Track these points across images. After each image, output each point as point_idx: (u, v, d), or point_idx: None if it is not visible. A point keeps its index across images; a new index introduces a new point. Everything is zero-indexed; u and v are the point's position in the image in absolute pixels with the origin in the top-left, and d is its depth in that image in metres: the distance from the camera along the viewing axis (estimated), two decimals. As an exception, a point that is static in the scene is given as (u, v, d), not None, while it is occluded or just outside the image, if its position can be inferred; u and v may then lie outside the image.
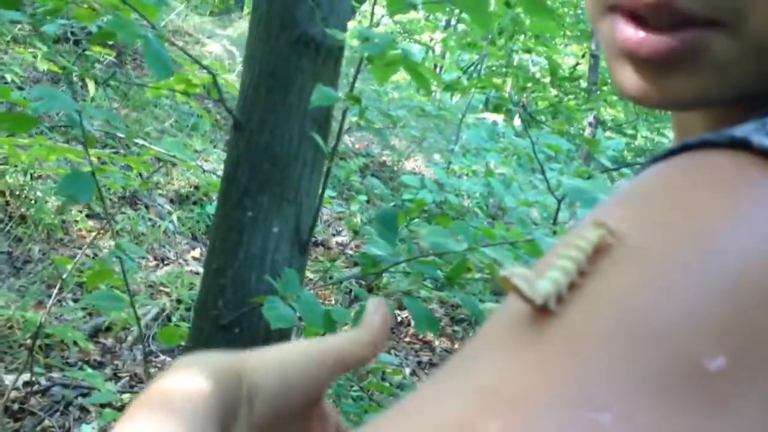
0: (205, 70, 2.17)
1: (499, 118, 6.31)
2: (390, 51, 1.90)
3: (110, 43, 4.37)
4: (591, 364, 0.26)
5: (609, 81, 8.80)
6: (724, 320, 0.26)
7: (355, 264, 4.48)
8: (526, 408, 0.25)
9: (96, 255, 3.58)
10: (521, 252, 1.88)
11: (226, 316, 1.93)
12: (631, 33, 0.39)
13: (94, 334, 3.20)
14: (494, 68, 8.46)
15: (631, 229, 0.30)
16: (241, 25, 7.61)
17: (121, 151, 4.35)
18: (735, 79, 0.39)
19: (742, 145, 0.32)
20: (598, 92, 7.81)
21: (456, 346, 4.08)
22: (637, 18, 0.39)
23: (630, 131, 10.43)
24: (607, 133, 8.82)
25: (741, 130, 0.33)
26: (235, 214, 1.96)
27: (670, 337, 0.26)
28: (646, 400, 0.25)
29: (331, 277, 4.02)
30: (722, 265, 0.28)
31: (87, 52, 4.81)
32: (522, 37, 7.00)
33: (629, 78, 0.41)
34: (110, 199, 3.94)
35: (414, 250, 1.99)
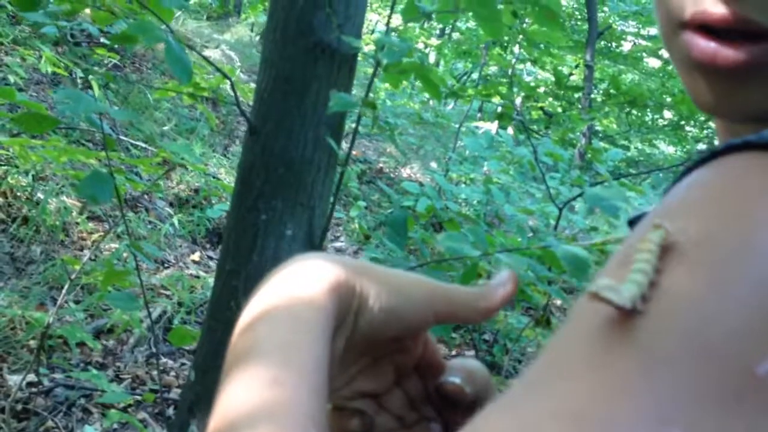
0: (212, 75, 2.19)
1: (493, 126, 6.34)
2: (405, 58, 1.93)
3: (114, 46, 4.38)
4: (662, 383, 0.29)
5: (606, 91, 8.86)
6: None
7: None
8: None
9: (97, 257, 3.59)
10: (532, 259, 1.91)
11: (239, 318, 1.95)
12: (705, 45, 0.41)
13: (95, 336, 3.20)
14: (489, 77, 8.52)
15: (686, 238, 0.32)
16: (239, 30, 7.62)
17: (122, 154, 4.35)
18: None
19: None
20: (592, 102, 7.86)
21: (453, 352, 4.10)
22: (710, 32, 0.41)
23: (623, 142, 10.50)
24: (601, 144, 8.88)
25: None
26: (250, 217, 1.97)
27: (725, 350, 0.28)
28: (709, 410, 0.28)
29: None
30: (762, 273, 0.30)
31: (88, 55, 4.81)
32: (517, 48, 7.04)
33: (704, 90, 0.42)
34: (113, 202, 3.94)
35: (425, 254, 2.01)
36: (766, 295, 0.29)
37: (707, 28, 0.41)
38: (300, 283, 0.44)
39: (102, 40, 4.89)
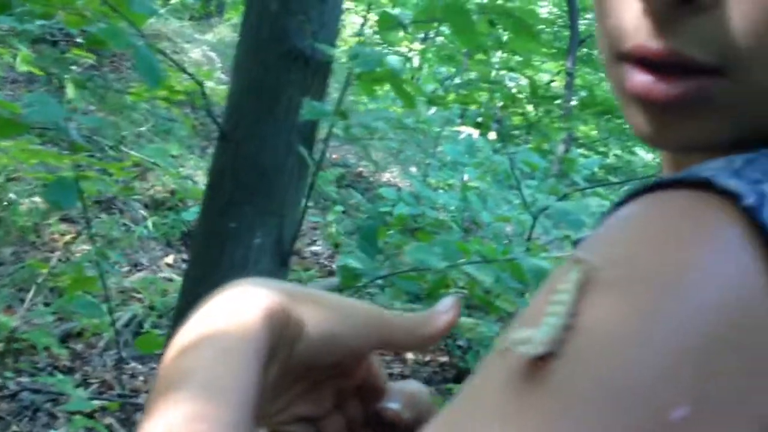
0: (188, 77, 2.17)
1: (475, 131, 6.35)
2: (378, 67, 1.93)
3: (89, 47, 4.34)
4: (574, 430, 0.28)
5: (585, 100, 8.92)
6: (686, 371, 0.29)
7: (330, 274, 4.48)
8: None
9: (68, 259, 3.55)
10: (501, 269, 1.90)
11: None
12: (642, 78, 0.41)
13: (64, 339, 3.16)
14: (470, 81, 8.53)
15: (606, 276, 0.32)
16: (221, 31, 7.59)
17: (97, 154, 4.31)
18: (739, 123, 0.41)
19: (708, 185, 0.34)
20: (573, 110, 7.91)
21: (427, 358, 4.09)
22: (647, 65, 0.41)
23: (602, 149, 10.56)
24: (580, 150, 8.92)
25: (710, 170, 0.35)
26: (219, 224, 1.96)
27: (639, 395, 0.28)
28: None
29: (305, 287, 4.02)
30: (682, 318, 0.30)
31: (66, 54, 4.77)
32: (499, 53, 7.07)
33: (641, 121, 0.43)
34: (86, 204, 3.90)
35: (396, 264, 2.00)
36: (681, 340, 0.30)
37: (645, 61, 0.41)
38: (232, 311, 0.43)
39: (79, 40, 4.85)
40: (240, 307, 0.43)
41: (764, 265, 0.32)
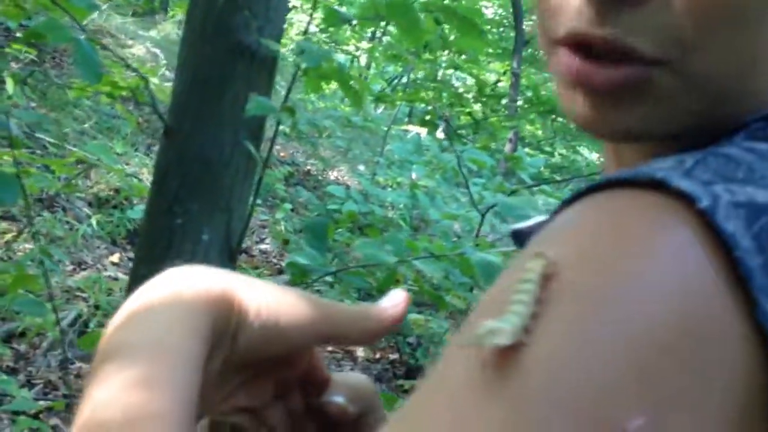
0: (131, 73, 2.15)
1: (423, 130, 6.40)
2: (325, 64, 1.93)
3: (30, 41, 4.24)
4: None
5: (530, 99, 9.06)
6: (638, 381, 0.28)
7: (279, 272, 4.46)
8: None
9: (10, 258, 3.47)
10: (450, 265, 1.93)
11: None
12: (581, 64, 0.41)
13: (7, 339, 3.10)
14: (419, 81, 8.58)
15: (560, 276, 0.32)
16: (165, 27, 7.48)
17: (38, 151, 4.22)
18: (677, 114, 0.41)
19: (660, 186, 0.33)
20: (518, 110, 8.02)
21: (377, 356, 4.11)
22: (588, 51, 0.41)
23: (548, 148, 10.72)
24: (526, 149, 9.05)
25: (661, 170, 0.34)
26: (165, 221, 1.94)
27: (595, 406, 0.28)
28: None
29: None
30: (632, 326, 0.30)
31: (5, 49, 4.65)
32: (446, 52, 7.12)
33: (579, 107, 0.42)
34: (27, 201, 3.80)
35: (345, 260, 2.01)
36: (633, 348, 0.29)
37: (586, 47, 0.41)
38: (176, 293, 0.43)
39: (19, 34, 4.74)
40: (183, 290, 0.43)
41: (717, 269, 0.31)
